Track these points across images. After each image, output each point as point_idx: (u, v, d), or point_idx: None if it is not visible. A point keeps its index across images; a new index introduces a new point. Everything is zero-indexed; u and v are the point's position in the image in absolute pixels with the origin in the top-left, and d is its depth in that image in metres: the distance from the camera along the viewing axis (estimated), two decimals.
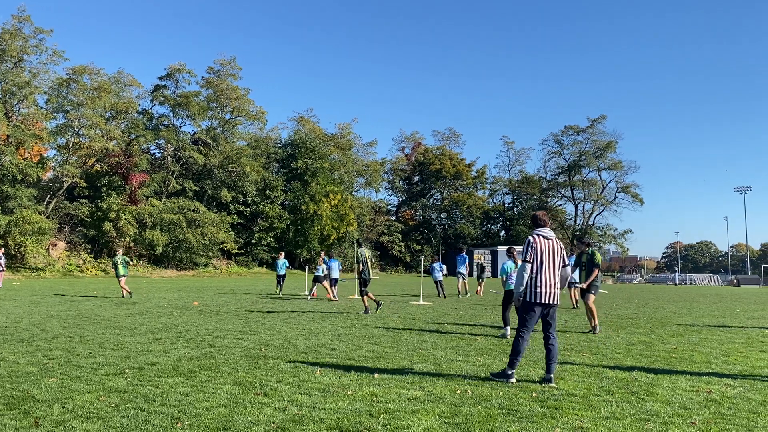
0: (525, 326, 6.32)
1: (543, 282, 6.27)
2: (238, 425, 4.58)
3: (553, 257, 6.37)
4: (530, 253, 6.34)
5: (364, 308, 14.31)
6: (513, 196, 75.93)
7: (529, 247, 6.36)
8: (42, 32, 39.07)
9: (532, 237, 6.44)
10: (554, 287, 6.30)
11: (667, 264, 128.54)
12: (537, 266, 6.30)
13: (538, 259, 6.32)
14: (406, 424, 4.65)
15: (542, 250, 6.34)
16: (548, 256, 6.35)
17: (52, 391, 5.59)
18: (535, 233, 6.47)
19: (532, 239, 6.40)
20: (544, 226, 6.54)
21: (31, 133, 36.96)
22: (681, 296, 27.64)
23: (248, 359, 7.45)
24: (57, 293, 20.26)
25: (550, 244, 6.43)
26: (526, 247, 6.39)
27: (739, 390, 6.08)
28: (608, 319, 14.03)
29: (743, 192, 76.04)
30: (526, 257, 6.32)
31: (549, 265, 6.31)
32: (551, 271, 6.31)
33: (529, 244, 6.37)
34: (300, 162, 52.57)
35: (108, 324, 11.09)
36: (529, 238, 6.45)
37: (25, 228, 34.27)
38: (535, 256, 6.32)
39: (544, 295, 6.27)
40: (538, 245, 6.35)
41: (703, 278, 71.39)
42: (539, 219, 6.60)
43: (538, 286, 6.27)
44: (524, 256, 6.34)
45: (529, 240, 6.42)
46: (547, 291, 6.26)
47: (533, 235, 6.47)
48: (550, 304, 6.29)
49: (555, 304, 6.34)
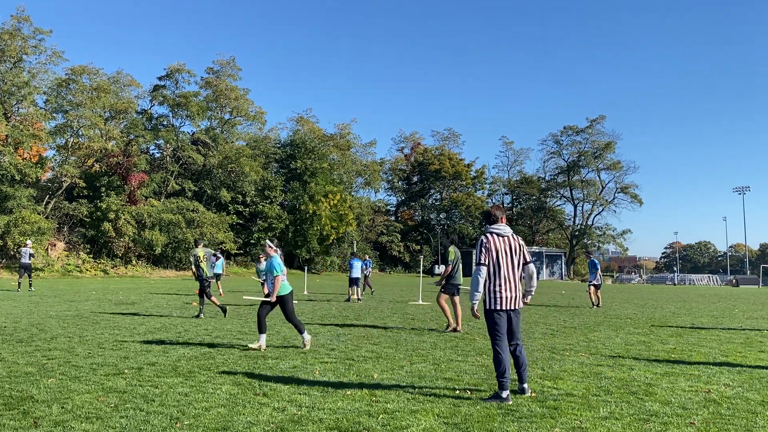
0: (498, 337, 5.61)
1: (502, 286, 5.62)
2: (237, 425, 4.58)
3: (511, 256, 5.70)
4: (484, 254, 5.65)
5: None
6: (512, 196, 75.93)
7: (482, 248, 5.66)
8: (41, 32, 39.01)
9: (485, 236, 5.74)
10: (515, 290, 5.68)
11: (666, 264, 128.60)
12: (494, 269, 5.64)
13: (494, 261, 5.65)
14: (405, 424, 4.65)
15: (498, 249, 5.66)
16: (505, 255, 5.68)
17: (51, 391, 5.59)
18: (489, 231, 5.77)
19: (485, 239, 5.71)
20: (497, 222, 5.80)
21: (30, 134, 36.91)
22: (680, 296, 27.66)
23: (247, 359, 7.45)
24: (56, 293, 20.24)
25: (506, 241, 5.73)
26: (479, 248, 5.70)
27: (737, 390, 6.09)
28: (607, 319, 14.04)
29: (742, 192, 76.08)
30: (481, 260, 5.64)
31: (507, 266, 5.66)
32: (510, 272, 5.65)
33: (482, 245, 5.68)
34: (299, 162, 52.54)
35: (107, 324, 11.08)
36: (482, 237, 5.74)
37: (24, 228, 34.23)
38: (490, 257, 5.65)
39: (504, 300, 5.63)
40: (492, 245, 5.66)
41: (702, 278, 71.42)
42: (492, 214, 5.86)
43: (498, 291, 5.62)
44: (478, 259, 5.66)
45: (481, 240, 5.72)
46: (508, 295, 5.63)
47: (486, 233, 5.77)
48: (513, 309, 5.68)
49: (517, 309, 5.74)
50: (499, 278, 5.63)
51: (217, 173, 48.41)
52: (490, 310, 5.65)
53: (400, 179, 72.38)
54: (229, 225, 46.55)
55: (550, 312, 15.86)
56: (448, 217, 73.02)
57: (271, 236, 44.36)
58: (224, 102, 49.41)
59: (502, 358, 5.54)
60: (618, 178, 70.37)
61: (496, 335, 5.61)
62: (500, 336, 5.61)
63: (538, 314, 15.00)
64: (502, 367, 5.51)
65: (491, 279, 5.64)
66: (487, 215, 5.91)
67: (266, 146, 53.17)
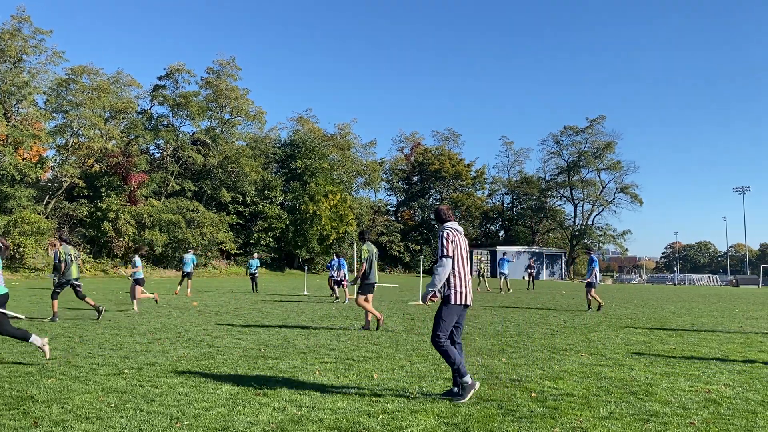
0: (444, 331, 5.57)
1: (464, 281, 5.70)
2: (237, 425, 4.58)
3: (467, 253, 5.85)
4: (450, 247, 5.65)
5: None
6: (512, 196, 75.93)
7: (448, 241, 5.67)
8: (41, 33, 39.04)
9: (447, 231, 5.75)
10: (470, 286, 5.81)
11: (666, 264, 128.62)
12: (459, 265, 5.69)
13: (459, 257, 5.71)
14: (405, 424, 4.65)
15: (458, 245, 5.74)
16: (463, 252, 5.79)
17: (51, 391, 5.59)
18: (449, 228, 5.79)
19: (450, 233, 5.72)
20: (450, 220, 5.90)
21: (30, 134, 36.91)
22: (680, 296, 27.66)
23: (247, 359, 7.45)
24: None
25: (462, 238, 5.85)
26: (443, 241, 5.68)
27: (737, 390, 6.09)
28: (607, 319, 14.04)
29: (742, 192, 76.09)
30: (448, 252, 5.64)
31: (467, 263, 5.79)
32: (468, 268, 5.79)
33: (448, 238, 5.68)
34: (299, 162, 52.55)
35: (107, 324, 11.08)
36: (446, 231, 5.74)
37: (24, 228, 34.25)
38: (456, 251, 5.70)
39: (467, 296, 5.71)
40: (456, 239, 5.74)
41: (702, 278, 71.43)
42: (443, 213, 5.94)
43: (463, 286, 5.68)
44: (444, 252, 5.64)
45: (447, 234, 5.72)
46: (468, 291, 5.73)
47: (448, 228, 5.78)
48: (469, 305, 5.79)
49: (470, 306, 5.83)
50: (463, 273, 5.69)
51: (217, 173, 48.41)
52: (455, 305, 5.62)
53: (400, 179, 72.36)
54: (229, 225, 46.57)
55: (550, 312, 15.86)
56: None
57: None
58: (224, 102, 49.41)
59: (452, 352, 5.51)
60: (618, 178, 70.37)
61: (445, 330, 5.57)
62: (447, 331, 5.58)
63: (538, 314, 15.01)
64: (453, 353, 5.50)
65: (455, 274, 5.64)
66: (439, 214, 5.96)
67: (266, 146, 53.17)
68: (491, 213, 75.83)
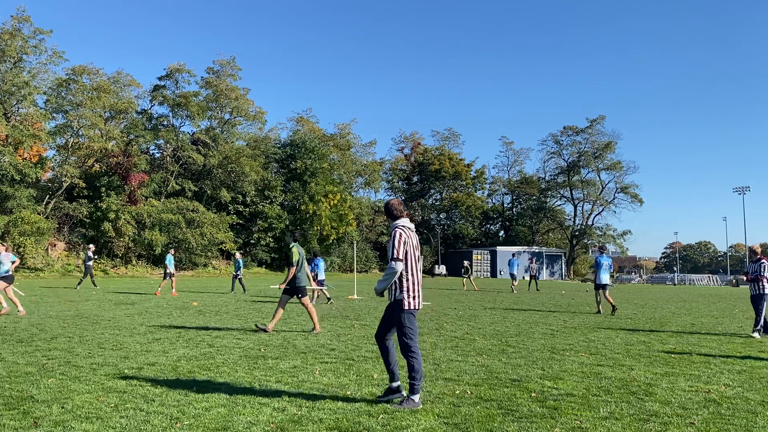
0: (413, 338, 5.26)
1: (418, 284, 5.33)
2: (237, 425, 4.58)
3: (419, 253, 5.46)
4: (402, 249, 5.24)
5: None
6: (512, 196, 75.92)
7: (401, 243, 5.24)
8: (41, 32, 39.04)
9: (400, 230, 5.31)
10: (421, 289, 5.44)
11: (666, 264, 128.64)
12: (412, 266, 5.29)
13: (412, 258, 5.32)
14: (405, 424, 4.65)
15: (411, 245, 5.34)
16: (415, 251, 5.39)
17: (51, 391, 5.59)
18: (401, 225, 5.36)
19: (403, 233, 5.29)
20: (402, 218, 5.44)
21: (30, 134, 36.91)
22: (680, 296, 27.66)
23: (247, 359, 7.45)
24: (56, 293, 20.24)
25: (414, 237, 5.45)
26: (395, 242, 5.24)
27: (737, 390, 6.09)
28: (607, 319, 14.04)
29: (742, 192, 76.01)
30: (400, 255, 5.21)
31: (419, 262, 5.41)
32: (420, 269, 5.40)
33: (401, 239, 5.24)
34: (299, 162, 52.54)
35: (107, 324, 11.08)
36: (398, 231, 5.29)
37: (24, 228, 34.25)
38: (410, 253, 5.31)
39: (419, 300, 5.38)
40: (409, 239, 5.33)
41: (702, 278, 71.44)
42: (395, 209, 5.45)
43: (417, 290, 5.32)
44: (396, 254, 5.21)
45: (400, 233, 5.27)
46: (420, 295, 5.39)
47: (400, 227, 5.34)
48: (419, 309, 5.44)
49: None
50: (417, 276, 5.34)
51: (217, 173, 48.40)
52: (410, 310, 5.29)
53: (400, 179, 72.37)
54: (229, 225, 46.56)
55: (550, 312, 15.86)
56: (448, 217, 73.06)
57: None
58: (224, 102, 49.39)
59: (419, 360, 5.26)
60: (618, 178, 70.35)
61: (413, 336, 5.27)
62: (415, 337, 5.29)
63: (539, 314, 15.01)
64: (418, 369, 5.24)
65: (408, 277, 5.28)
66: (389, 209, 5.49)
67: (266, 146, 53.16)
68: (491, 213, 75.83)
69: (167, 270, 20.66)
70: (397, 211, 5.45)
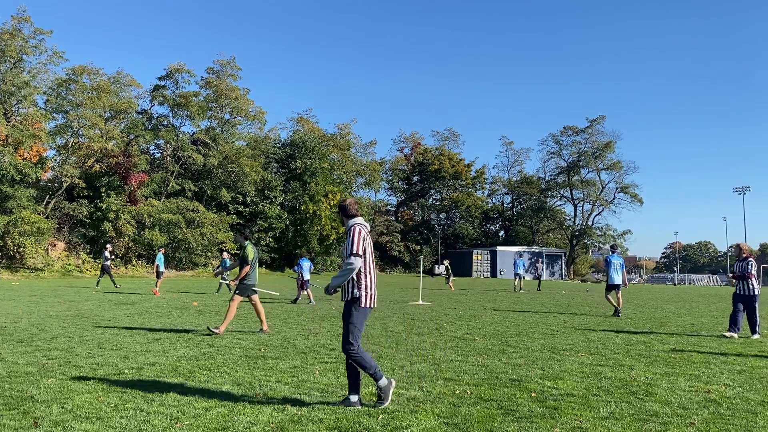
0: (357, 338, 5.18)
1: (373, 281, 5.29)
2: (237, 425, 4.58)
3: (371, 251, 5.41)
4: (362, 245, 5.19)
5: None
6: (512, 196, 75.94)
7: (360, 239, 5.19)
8: (42, 33, 39.03)
9: (359, 227, 5.27)
10: (376, 288, 5.40)
11: (666, 264, 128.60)
12: (369, 263, 5.27)
13: (370, 255, 5.31)
14: (405, 424, 4.65)
15: (368, 243, 5.32)
16: (371, 250, 5.40)
17: (51, 391, 5.59)
18: (360, 223, 5.33)
19: (362, 230, 5.27)
20: (357, 215, 5.43)
21: (30, 134, 36.90)
22: (680, 296, 27.65)
23: (247, 359, 7.45)
24: (56, 293, 20.25)
25: (370, 236, 5.48)
26: (354, 238, 5.19)
27: (737, 390, 6.09)
28: (607, 319, 14.04)
29: (742, 192, 76.03)
30: (358, 250, 5.14)
31: (374, 261, 5.39)
32: (375, 268, 5.38)
33: (360, 235, 5.20)
34: (299, 162, 52.55)
35: (107, 324, 11.08)
36: (357, 228, 5.25)
37: (23, 228, 34.22)
38: (367, 250, 5.27)
39: (375, 298, 5.31)
40: (367, 237, 5.30)
41: (702, 278, 71.44)
42: (351, 208, 5.42)
43: (372, 288, 5.26)
44: (355, 249, 5.13)
45: (359, 230, 5.23)
46: (376, 293, 5.32)
47: (359, 225, 5.30)
48: (374, 307, 5.38)
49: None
50: (372, 274, 5.29)
51: (217, 173, 48.40)
52: (365, 308, 5.22)
53: (400, 179, 72.38)
54: (229, 225, 46.56)
55: (550, 312, 15.86)
56: (448, 217, 73.06)
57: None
58: (224, 102, 49.39)
59: (364, 353, 5.20)
60: (618, 178, 70.37)
61: (358, 336, 5.19)
62: (359, 336, 5.21)
63: (538, 314, 15.01)
64: (368, 360, 5.18)
65: (366, 274, 5.22)
66: (345, 209, 5.43)
67: (266, 146, 53.17)
68: (491, 213, 75.84)
69: (159, 269, 21.33)
70: (352, 210, 5.42)
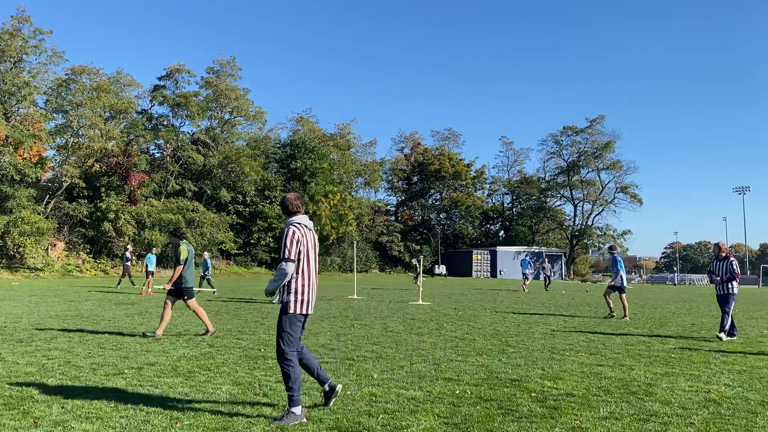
0: (293, 344, 4.89)
1: (309, 287, 4.95)
2: (237, 425, 4.58)
3: (315, 253, 5.06)
4: (295, 248, 4.83)
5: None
6: (512, 196, 75.93)
7: (293, 242, 4.82)
8: (41, 33, 39.06)
9: (294, 227, 4.89)
10: (315, 292, 5.06)
11: (666, 264, 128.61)
12: (304, 267, 4.91)
13: (305, 258, 4.93)
14: (405, 424, 4.65)
15: (307, 244, 4.95)
16: (312, 252, 5.01)
17: (51, 391, 5.59)
18: (296, 222, 4.95)
19: (297, 230, 4.88)
20: (298, 212, 5.05)
21: (30, 134, 36.91)
22: (680, 296, 27.66)
23: (247, 359, 7.45)
24: (56, 293, 20.25)
25: (312, 235, 5.06)
26: (288, 241, 4.82)
27: (737, 390, 6.09)
28: (607, 319, 14.05)
29: (742, 192, 76.07)
30: (291, 255, 4.80)
31: (314, 265, 5.01)
32: (315, 271, 5.02)
33: (293, 238, 4.83)
34: (299, 162, 52.56)
35: (107, 324, 11.08)
36: (292, 229, 4.87)
37: (23, 228, 34.23)
38: (304, 253, 4.92)
39: (311, 304, 4.99)
40: (303, 238, 4.92)
41: (702, 278, 71.35)
42: (291, 203, 5.04)
43: (306, 293, 4.93)
44: (287, 254, 4.80)
45: (293, 232, 4.85)
46: (314, 298, 5.03)
47: (295, 224, 4.93)
48: (310, 314, 5.06)
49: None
50: (309, 278, 4.96)
51: (217, 173, 48.41)
52: (294, 314, 4.90)
53: (400, 179, 72.38)
54: (229, 225, 46.59)
55: (550, 312, 15.86)
56: (448, 217, 73.07)
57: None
58: (224, 102, 49.41)
59: (295, 369, 4.87)
60: (618, 178, 70.37)
61: (291, 343, 4.88)
62: (295, 344, 4.92)
63: (539, 314, 15.01)
64: (295, 379, 4.83)
65: (298, 279, 4.90)
66: (285, 204, 5.07)
67: (266, 146, 53.19)
68: (491, 213, 75.84)
69: (148, 268, 21.47)
70: (293, 206, 5.04)
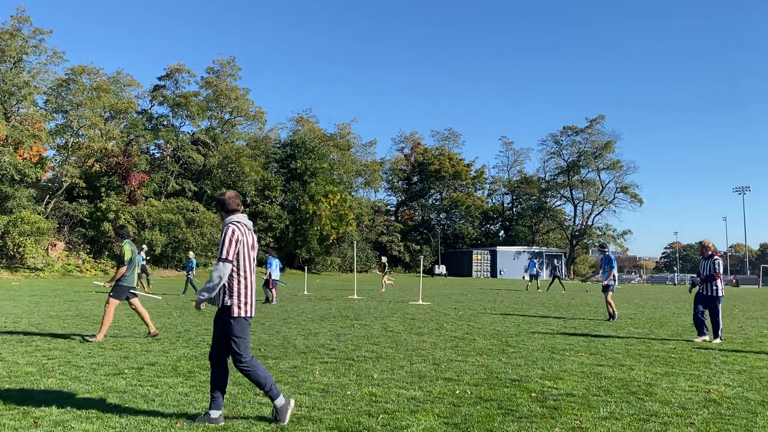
0: (245, 350, 4.67)
1: (250, 288, 4.75)
2: (237, 426, 4.58)
3: (254, 253, 4.88)
4: (234, 248, 4.64)
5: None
6: (512, 196, 75.96)
7: (231, 242, 4.63)
8: (41, 33, 39.05)
9: (234, 226, 4.70)
10: (254, 294, 4.83)
11: (666, 264, 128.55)
12: (245, 267, 4.72)
13: (246, 259, 4.74)
14: (405, 424, 4.65)
15: (246, 244, 4.76)
16: (250, 251, 4.82)
17: (51, 391, 5.59)
18: (235, 222, 4.76)
19: (237, 230, 4.69)
20: (237, 211, 4.87)
21: (30, 134, 36.91)
22: (680, 296, 27.66)
23: None
24: (56, 293, 20.24)
25: (251, 235, 4.88)
26: (228, 239, 4.63)
27: (737, 390, 6.09)
28: (607, 320, 14.04)
29: (742, 192, 76.04)
30: (228, 255, 4.59)
31: (254, 265, 4.84)
32: (254, 272, 4.83)
33: (232, 237, 4.64)
34: (299, 162, 52.56)
35: None
36: (232, 227, 4.68)
37: (23, 228, 34.23)
38: (242, 253, 4.71)
39: (252, 306, 4.76)
40: (243, 237, 4.74)
41: None
42: (229, 202, 4.84)
43: (249, 295, 4.73)
44: (225, 254, 4.59)
45: (231, 231, 4.66)
46: (253, 301, 4.79)
47: (234, 223, 4.74)
48: (252, 317, 4.82)
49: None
50: (250, 279, 4.76)
51: (217, 173, 48.41)
52: (240, 318, 4.67)
53: (400, 179, 72.40)
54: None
55: (550, 312, 15.86)
56: (448, 217, 73.06)
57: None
58: (224, 102, 49.43)
59: (257, 366, 4.70)
60: (618, 178, 70.39)
61: (247, 347, 4.69)
62: (247, 347, 4.71)
63: (539, 314, 15.01)
64: (264, 375, 4.69)
65: (240, 280, 4.69)
66: (223, 202, 4.86)
67: (266, 146, 53.20)
68: (491, 213, 75.85)
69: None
70: (232, 204, 4.85)
